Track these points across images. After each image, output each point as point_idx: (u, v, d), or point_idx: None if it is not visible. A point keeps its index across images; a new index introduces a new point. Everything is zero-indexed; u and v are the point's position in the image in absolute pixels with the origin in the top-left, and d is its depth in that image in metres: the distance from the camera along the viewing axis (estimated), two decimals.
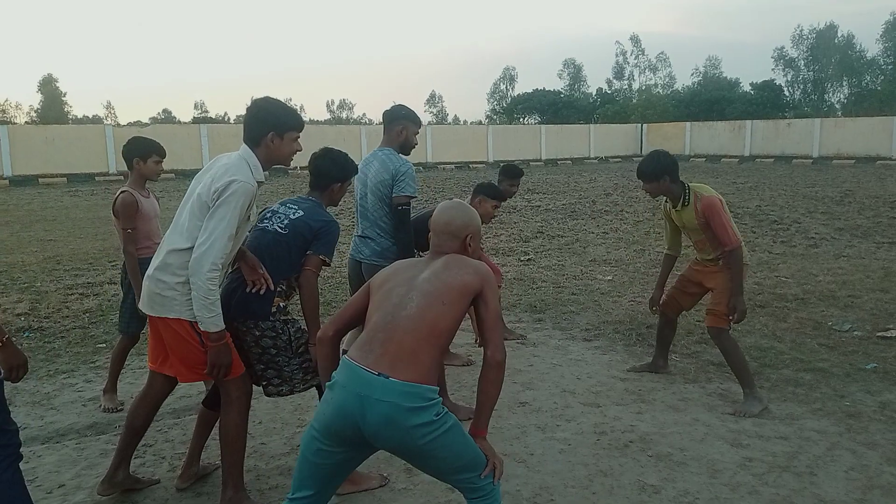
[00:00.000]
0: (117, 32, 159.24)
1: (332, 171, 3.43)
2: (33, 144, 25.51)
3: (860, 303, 6.52)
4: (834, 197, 15.93)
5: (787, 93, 60.91)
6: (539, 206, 15.27)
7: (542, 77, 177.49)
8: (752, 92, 55.29)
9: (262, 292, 3.11)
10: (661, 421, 4.01)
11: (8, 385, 4.57)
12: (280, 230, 3.22)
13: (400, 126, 4.15)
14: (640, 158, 4.63)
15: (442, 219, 2.54)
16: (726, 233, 4.12)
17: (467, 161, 31.61)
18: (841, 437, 3.77)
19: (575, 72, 79.12)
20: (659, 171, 4.26)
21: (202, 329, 2.87)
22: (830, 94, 64.87)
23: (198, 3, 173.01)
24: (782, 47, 65.63)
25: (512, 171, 5.71)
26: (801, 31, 65.51)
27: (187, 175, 26.48)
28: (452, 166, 31.09)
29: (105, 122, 72.36)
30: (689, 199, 4.26)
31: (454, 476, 2.31)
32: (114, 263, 8.62)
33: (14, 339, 5.69)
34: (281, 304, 3.18)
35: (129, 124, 33.29)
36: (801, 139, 33.23)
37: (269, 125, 3.01)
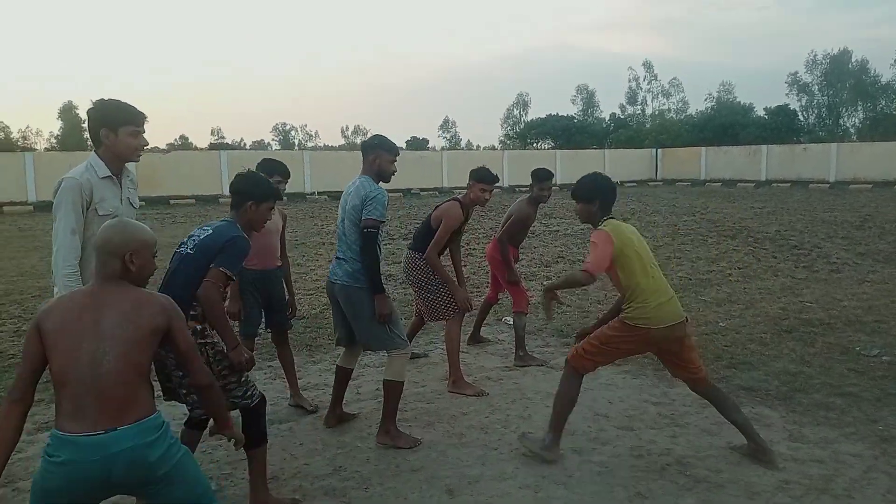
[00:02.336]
0: (134, 61, 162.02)
1: (244, 189, 3.44)
2: (56, 170, 25.82)
3: (887, 328, 6.55)
4: (853, 222, 15.92)
5: (801, 117, 60.88)
6: (557, 231, 15.37)
7: (555, 102, 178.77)
8: (766, 117, 55.31)
9: None
10: (696, 444, 4.06)
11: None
12: (189, 252, 3.24)
13: (373, 155, 4.28)
14: (657, 183, 4.60)
15: (100, 238, 2.44)
16: (593, 257, 3.70)
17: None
18: (876, 461, 3.81)
19: (588, 97, 79.73)
20: (595, 190, 3.94)
21: None
22: (845, 119, 64.90)
23: (215, 33, 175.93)
24: (796, 72, 65.87)
25: (541, 174, 5.91)
26: (814, 56, 65.64)
27: (207, 201, 26.84)
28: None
29: None
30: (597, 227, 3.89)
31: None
32: None
33: None
34: (198, 327, 3.15)
35: (150, 150, 33.71)
36: (818, 164, 33.20)
37: (101, 122, 3.17)
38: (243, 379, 3.29)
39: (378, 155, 4.26)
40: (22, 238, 15.87)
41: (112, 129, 3.15)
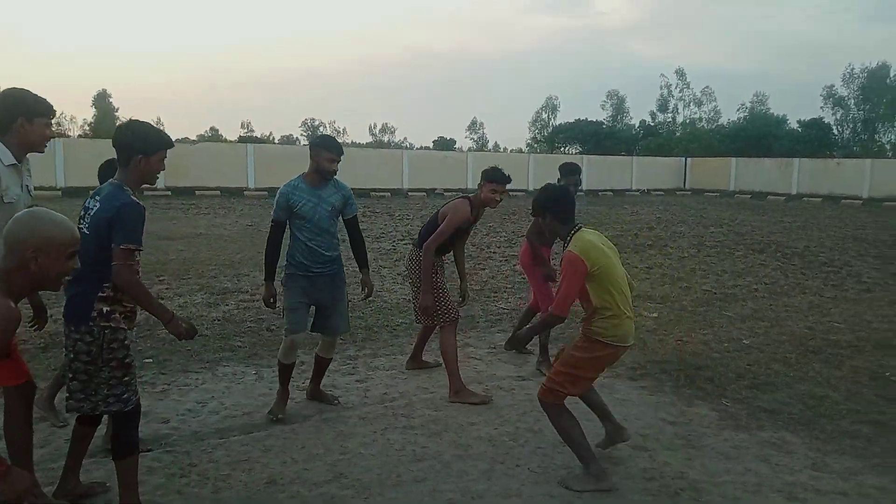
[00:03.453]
0: (167, 50, 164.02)
1: (130, 142, 3.07)
2: (86, 157, 26.17)
3: None
4: (886, 240, 15.50)
5: (835, 131, 59.77)
6: None
7: (584, 107, 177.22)
8: (799, 129, 54.39)
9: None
10: (712, 469, 3.88)
11: (56, 397, 4.63)
12: (86, 232, 2.99)
13: (312, 153, 4.50)
14: (685, 192, 4.45)
15: (5, 230, 2.28)
16: (561, 295, 3.56)
17: (508, 189, 31.62)
18: None
19: (618, 103, 78.93)
20: (541, 206, 3.81)
21: None
22: (881, 135, 63.52)
23: (247, 28, 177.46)
24: (832, 85, 64.51)
25: (569, 168, 5.93)
26: (852, 69, 64.22)
27: (232, 193, 26.97)
28: None
29: None
30: (568, 245, 3.67)
31: None
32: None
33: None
34: (105, 309, 2.96)
35: (177, 140, 33.99)
36: (852, 179, 32.48)
37: (20, 111, 3.20)
38: (126, 378, 3.06)
39: (316, 153, 4.47)
40: None
41: (28, 119, 3.21)
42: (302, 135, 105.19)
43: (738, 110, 75.72)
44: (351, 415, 4.56)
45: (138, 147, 3.07)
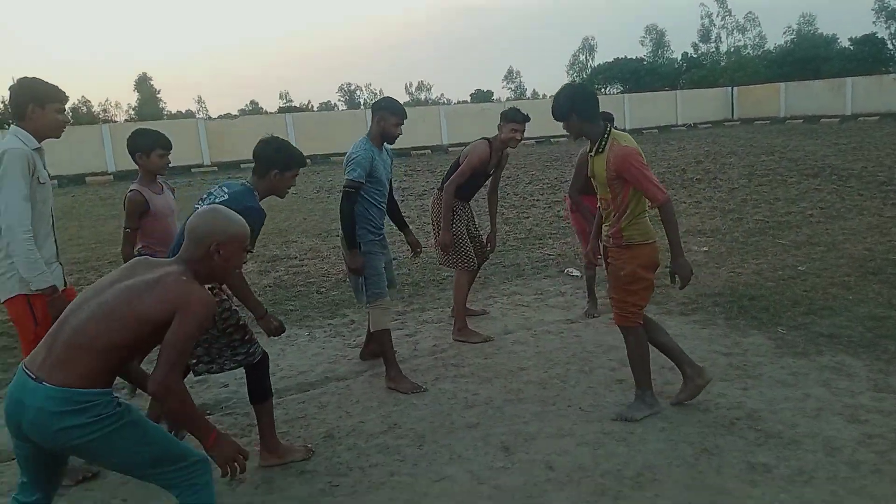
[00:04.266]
0: (204, 28, 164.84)
1: (270, 156, 3.35)
2: None
3: None
4: None
5: (890, 46, 56.74)
6: None
7: (623, 45, 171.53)
8: (851, 48, 51.87)
9: None
10: (769, 397, 3.81)
11: None
12: None
13: (378, 116, 4.34)
14: (733, 123, 4.25)
15: (190, 222, 2.42)
16: (649, 185, 3.46)
17: (548, 135, 31.05)
18: None
19: (658, 38, 76.43)
20: (564, 110, 3.62)
21: (34, 289, 3.13)
22: None
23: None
24: None
25: (607, 116, 5.79)
26: None
27: None
28: (533, 141, 30.66)
29: (197, 115, 75.33)
30: (604, 145, 3.55)
31: (143, 471, 2.30)
32: None
33: None
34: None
35: (220, 117, 34.51)
36: None
37: (29, 98, 3.21)
38: (247, 337, 3.31)
39: (382, 117, 4.35)
40: (102, 206, 16.51)
41: (40, 105, 3.23)
42: (339, 100, 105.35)
43: (784, 34, 72.27)
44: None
45: (277, 162, 3.35)
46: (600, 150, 3.57)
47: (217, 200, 3.20)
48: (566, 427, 3.64)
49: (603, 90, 64.71)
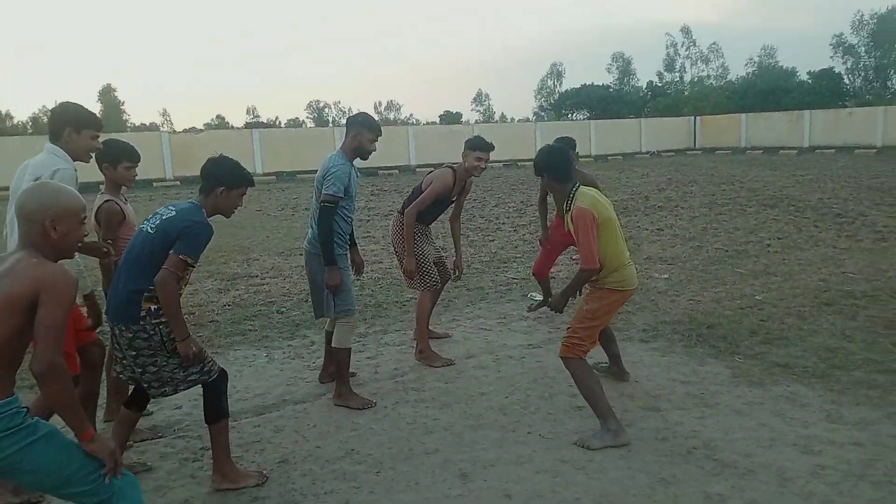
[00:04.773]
0: (172, 41, 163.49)
1: (216, 173, 3.33)
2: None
3: None
4: None
5: (847, 81, 58.71)
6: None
7: (590, 72, 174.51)
8: (809, 81, 53.46)
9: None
10: (725, 426, 3.85)
11: None
12: (150, 231, 3.18)
13: (354, 131, 4.34)
14: (695, 152, 4.52)
15: (18, 203, 2.31)
16: (587, 250, 3.65)
17: (515, 159, 31.33)
18: None
19: (624, 65, 78.06)
20: (539, 168, 3.95)
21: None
22: (894, 81, 62.34)
23: (248, 12, 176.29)
24: (841, 34, 63.44)
25: (563, 142, 5.90)
26: (861, 16, 62.93)
27: None
28: (501, 164, 30.90)
29: (161, 129, 74.37)
30: (570, 203, 3.80)
31: (58, 492, 2.23)
32: None
33: None
34: (153, 308, 3.10)
35: (185, 130, 34.10)
36: (864, 128, 31.86)
37: (68, 122, 3.41)
38: (199, 356, 3.23)
39: (358, 132, 4.35)
40: None
41: (76, 130, 3.42)
42: (308, 117, 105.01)
43: (746, 65, 74.77)
44: (362, 391, 4.55)
45: (223, 180, 3.34)
46: (567, 208, 3.82)
47: (164, 217, 3.20)
48: (525, 454, 3.62)
49: (570, 116, 65.67)
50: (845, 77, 58.56)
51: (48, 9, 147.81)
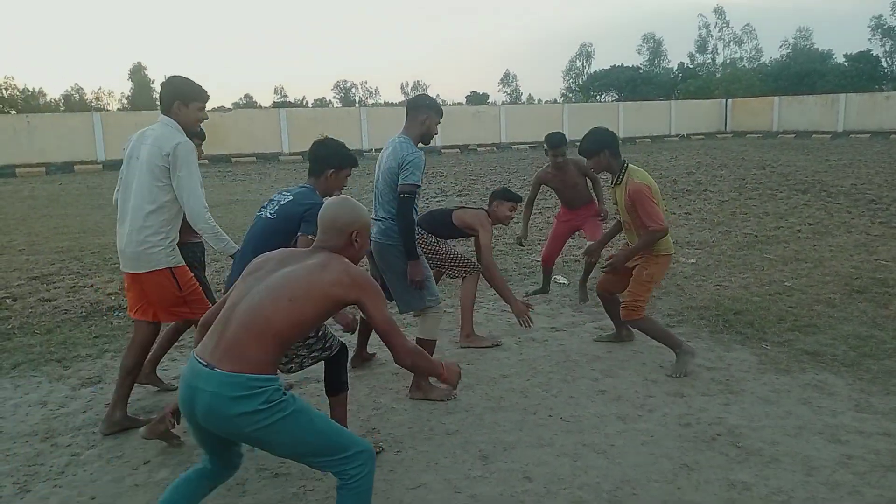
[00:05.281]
0: (201, 20, 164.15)
1: (326, 156, 3.57)
2: (125, 130, 26.41)
3: None
4: None
5: (884, 64, 57.22)
6: (602, 186, 14.85)
7: (620, 53, 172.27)
8: (846, 64, 52.23)
9: None
10: (750, 413, 3.79)
11: (98, 363, 4.74)
12: (270, 216, 3.44)
13: (424, 115, 4.17)
14: (726, 135, 4.72)
15: (327, 214, 2.54)
16: (650, 217, 4.19)
17: (542, 141, 31.13)
18: None
19: (655, 46, 76.86)
20: (598, 146, 4.36)
21: (228, 254, 3.66)
22: None
23: None
24: (880, 15, 62.19)
25: (553, 140, 6.28)
26: None
27: (268, 158, 27.17)
28: (527, 146, 30.71)
29: None
30: (622, 178, 4.33)
31: (307, 459, 2.38)
32: None
33: (105, 317, 5.92)
34: None
35: (214, 109, 34.26)
36: None
37: (176, 95, 3.61)
38: (321, 333, 3.35)
39: (429, 116, 4.19)
40: (90, 196, 16.36)
41: (184, 103, 3.63)
42: (335, 97, 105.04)
43: (780, 47, 73.29)
44: (383, 371, 4.57)
45: (332, 161, 3.57)
46: (619, 181, 4.34)
47: (282, 203, 3.45)
48: (546, 437, 3.60)
49: (598, 97, 64.90)
50: (883, 60, 57.14)
51: None
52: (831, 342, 4.84)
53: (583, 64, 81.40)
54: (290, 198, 3.45)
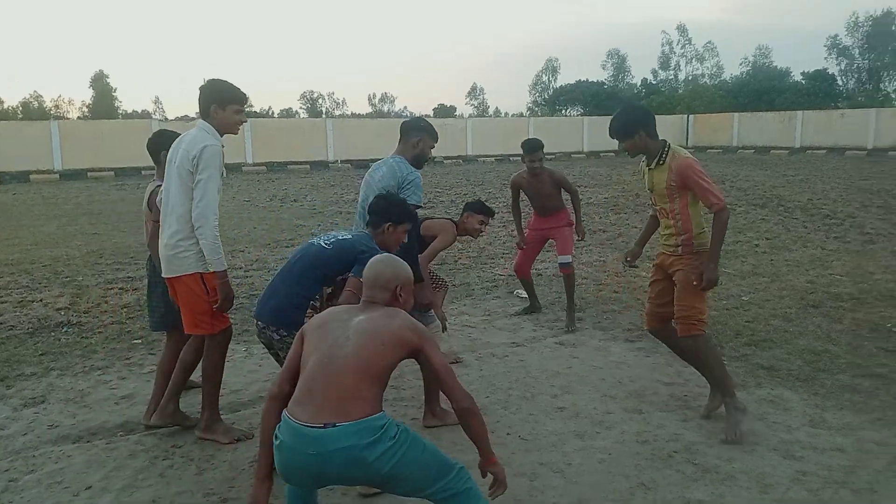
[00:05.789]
0: (166, 28, 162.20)
1: (387, 210, 3.60)
2: (83, 139, 26.05)
3: None
4: (891, 190, 15.27)
5: (840, 82, 58.91)
6: (580, 200, 14.95)
7: (585, 68, 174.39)
8: (803, 81, 53.58)
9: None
10: (707, 430, 3.79)
11: (43, 381, 4.59)
12: (324, 246, 3.45)
13: (417, 137, 4.16)
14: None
15: (371, 273, 2.63)
16: (708, 193, 3.66)
17: (508, 154, 31.25)
18: None
19: (619, 62, 78.14)
20: (632, 127, 3.85)
21: (212, 269, 3.50)
22: (886, 84, 62.64)
23: (241, 4, 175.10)
24: (836, 35, 63.77)
25: (529, 146, 6.02)
26: (856, 18, 63.13)
27: (231, 169, 26.71)
28: (493, 159, 30.87)
29: (153, 116, 73.81)
30: (664, 158, 3.81)
31: (431, 488, 2.40)
32: None
33: (53, 334, 5.73)
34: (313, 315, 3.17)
35: (177, 118, 33.74)
36: (856, 130, 31.96)
37: (212, 99, 3.57)
38: None
39: (422, 139, 4.18)
40: (44, 206, 15.94)
41: (221, 106, 3.58)
42: (301, 108, 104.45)
43: (740, 65, 74.90)
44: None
45: (391, 216, 3.59)
46: (661, 162, 3.81)
47: (340, 238, 3.49)
48: (504, 456, 3.51)
49: (564, 112, 65.64)
50: (839, 78, 58.81)
51: None
52: (787, 357, 4.89)
53: (549, 78, 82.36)
54: (349, 237, 3.50)
